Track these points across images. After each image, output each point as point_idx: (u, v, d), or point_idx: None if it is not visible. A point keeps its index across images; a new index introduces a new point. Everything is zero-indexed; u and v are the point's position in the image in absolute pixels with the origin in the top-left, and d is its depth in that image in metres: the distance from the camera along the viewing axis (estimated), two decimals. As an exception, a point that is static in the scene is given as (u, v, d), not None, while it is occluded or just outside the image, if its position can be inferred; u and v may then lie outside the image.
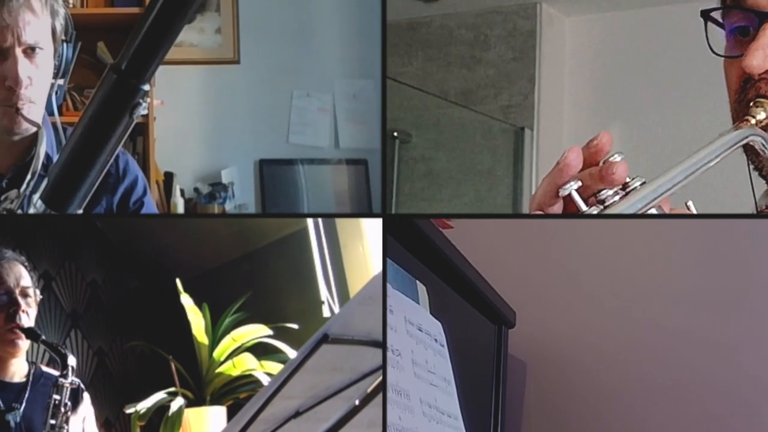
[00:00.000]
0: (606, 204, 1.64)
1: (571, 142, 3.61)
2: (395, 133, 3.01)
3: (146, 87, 1.89)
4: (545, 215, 1.72)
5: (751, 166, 1.75)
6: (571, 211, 1.64)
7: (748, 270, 2.73)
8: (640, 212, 1.65)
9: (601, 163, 1.61)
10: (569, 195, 1.61)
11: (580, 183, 1.61)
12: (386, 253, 2.18)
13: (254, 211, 3.34)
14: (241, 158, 3.34)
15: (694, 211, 1.74)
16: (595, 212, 1.66)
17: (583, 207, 1.63)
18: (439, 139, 3.41)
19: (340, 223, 3.20)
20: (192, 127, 3.33)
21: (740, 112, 1.70)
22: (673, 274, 2.80)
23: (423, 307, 2.18)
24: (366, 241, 3.11)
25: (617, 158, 1.63)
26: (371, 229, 3.09)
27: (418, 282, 2.24)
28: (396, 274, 2.13)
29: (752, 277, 2.73)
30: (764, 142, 1.69)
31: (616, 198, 1.64)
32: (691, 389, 2.76)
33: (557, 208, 1.66)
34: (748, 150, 1.73)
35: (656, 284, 2.82)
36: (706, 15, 1.78)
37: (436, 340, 2.11)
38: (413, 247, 2.26)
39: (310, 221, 3.26)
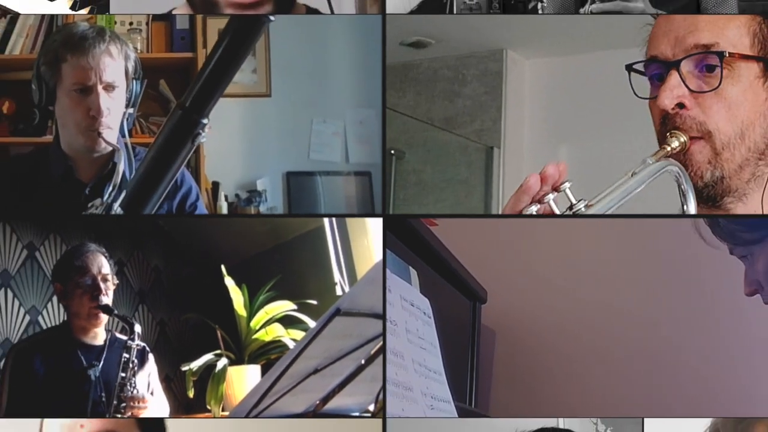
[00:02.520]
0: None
1: (530, 158, 3.62)
2: (392, 151, 2.99)
3: (205, 120, 1.90)
4: (512, 215, 1.72)
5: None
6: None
7: (668, 261, 2.72)
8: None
9: (551, 190, 1.65)
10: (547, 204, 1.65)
11: (538, 206, 1.63)
12: (386, 244, 2.18)
13: (282, 212, 3.32)
14: (272, 170, 3.33)
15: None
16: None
17: (556, 210, 1.66)
18: (426, 156, 3.40)
19: (349, 221, 3.19)
20: (233, 146, 3.32)
21: (662, 141, 1.71)
22: (610, 264, 2.79)
23: (414, 287, 2.17)
24: (370, 236, 3.10)
25: (566, 186, 1.66)
26: (374, 227, 3.08)
27: (410, 267, 2.24)
28: (393, 262, 2.13)
29: (671, 267, 2.72)
30: (679, 171, 1.69)
31: (566, 212, 1.66)
32: (623, 352, 2.76)
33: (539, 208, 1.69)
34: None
35: (597, 272, 2.82)
36: (629, 68, 1.78)
37: (424, 313, 2.10)
38: (407, 240, 2.26)
39: (326, 220, 3.25)
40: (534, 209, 1.65)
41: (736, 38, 1.70)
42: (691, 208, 1.71)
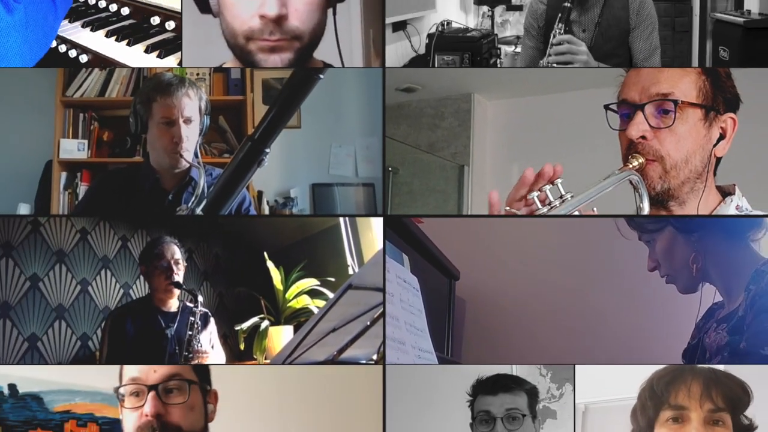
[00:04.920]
0: (552, 205, 1.68)
1: (491, 174, 3.61)
2: (390, 168, 2.99)
3: (268, 150, 1.90)
4: (477, 215, 1.73)
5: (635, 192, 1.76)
6: (531, 210, 1.68)
7: (595, 247, 2.71)
8: (569, 213, 1.69)
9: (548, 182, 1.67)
10: (532, 199, 1.67)
11: (538, 192, 1.65)
12: (385, 237, 2.17)
13: (308, 213, 3.32)
14: (301, 183, 3.33)
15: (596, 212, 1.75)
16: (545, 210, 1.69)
17: (541, 208, 1.66)
18: (414, 172, 3.39)
19: (358, 220, 3.19)
20: (273, 165, 3.31)
21: (625, 161, 1.72)
22: (553, 250, 2.78)
23: (406, 268, 2.17)
24: (373, 231, 3.09)
25: (559, 181, 1.67)
26: (376, 224, 3.08)
27: (403, 254, 2.23)
28: (390, 250, 2.12)
29: (597, 252, 2.71)
30: (638, 180, 1.71)
31: (556, 203, 1.67)
32: (560, 315, 2.74)
33: (520, 205, 1.69)
34: (632, 183, 1.73)
35: (543, 256, 2.81)
36: (606, 107, 1.78)
37: (413, 287, 2.09)
38: (401, 233, 2.25)
39: (341, 219, 3.25)
40: (535, 195, 1.67)
41: (687, 90, 1.72)
42: (645, 207, 1.73)
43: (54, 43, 2.37)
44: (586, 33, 2.37)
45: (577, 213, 1.69)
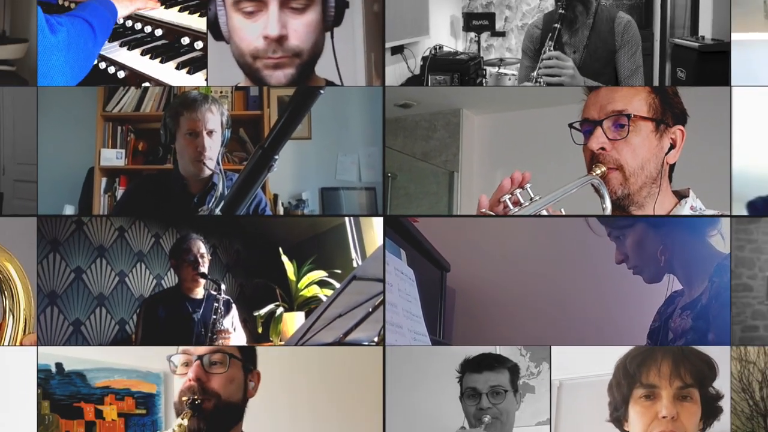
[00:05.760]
0: (522, 205, 1.71)
1: (477, 179, 3.59)
2: (389, 174, 2.98)
3: (277, 157, 1.90)
4: (466, 215, 1.75)
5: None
6: (504, 210, 1.71)
7: (570, 243, 2.69)
8: (537, 213, 1.70)
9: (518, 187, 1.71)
10: (505, 201, 1.70)
11: (510, 195, 1.67)
12: (385, 234, 2.17)
13: (318, 213, 3.32)
14: (312, 186, 3.32)
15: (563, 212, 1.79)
16: (517, 211, 1.70)
17: (513, 209, 1.68)
18: (410, 177, 3.38)
19: (362, 220, 3.18)
20: (287, 171, 3.30)
21: (589, 169, 1.75)
22: (533, 245, 2.76)
23: (403, 262, 2.17)
24: (375, 229, 3.09)
25: (528, 186, 1.72)
26: (377, 223, 3.08)
27: (401, 249, 2.23)
28: (389, 245, 2.12)
29: (572, 246, 2.69)
30: (599, 184, 1.74)
31: (527, 203, 1.70)
32: (539, 302, 2.73)
33: (500, 208, 1.71)
34: (594, 187, 1.75)
35: (524, 250, 2.79)
36: (570, 125, 1.80)
37: (410, 278, 2.09)
38: (398, 231, 2.25)
39: (346, 219, 3.24)
40: (507, 197, 1.71)
41: (638, 106, 1.74)
42: (608, 207, 1.74)
43: (95, 61, 2.37)
44: (576, 53, 2.38)
45: (545, 213, 1.72)
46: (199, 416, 1.61)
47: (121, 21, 2.44)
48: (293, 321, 3.03)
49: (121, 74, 2.36)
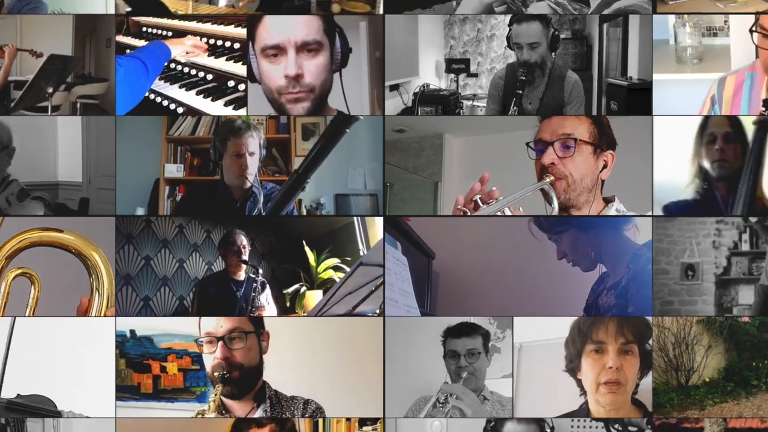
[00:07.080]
0: (489, 203, 1.71)
1: (457, 187, 3.55)
2: (388, 184, 2.99)
3: (309, 180, 1.92)
4: (447, 215, 1.76)
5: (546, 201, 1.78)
6: (475, 208, 1.71)
7: (521, 242, 2.68)
8: (498, 212, 1.71)
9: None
10: (475, 201, 1.71)
11: (480, 196, 1.66)
12: (384, 230, 2.20)
13: (333, 214, 3.33)
14: (328, 193, 3.31)
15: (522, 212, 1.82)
16: (485, 210, 1.71)
17: (482, 206, 1.68)
18: (405, 186, 3.36)
19: (367, 219, 3.19)
20: (309, 183, 3.27)
21: (540, 178, 1.77)
22: (497, 239, 2.75)
23: (399, 251, 2.19)
24: (377, 226, 3.07)
25: (494, 188, 1.73)
26: (379, 221, 3.07)
27: (397, 241, 2.26)
28: (388, 239, 2.15)
29: (522, 244, 2.68)
30: (549, 189, 1.75)
31: (492, 202, 1.70)
32: (504, 284, 2.72)
33: (471, 205, 1.73)
34: (543, 192, 1.76)
35: (491, 243, 2.78)
36: (527, 144, 1.82)
37: (404, 264, 2.11)
38: (395, 227, 2.28)
39: (355, 218, 3.25)
40: (478, 197, 1.70)
41: (582, 132, 1.77)
42: (555, 207, 1.76)
43: (160, 100, 2.40)
44: (532, 105, 2.38)
45: (508, 212, 1.73)
46: (230, 384, 1.65)
47: (180, 68, 2.47)
48: (314, 297, 3.05)
49: (180, 110, 2.39)
